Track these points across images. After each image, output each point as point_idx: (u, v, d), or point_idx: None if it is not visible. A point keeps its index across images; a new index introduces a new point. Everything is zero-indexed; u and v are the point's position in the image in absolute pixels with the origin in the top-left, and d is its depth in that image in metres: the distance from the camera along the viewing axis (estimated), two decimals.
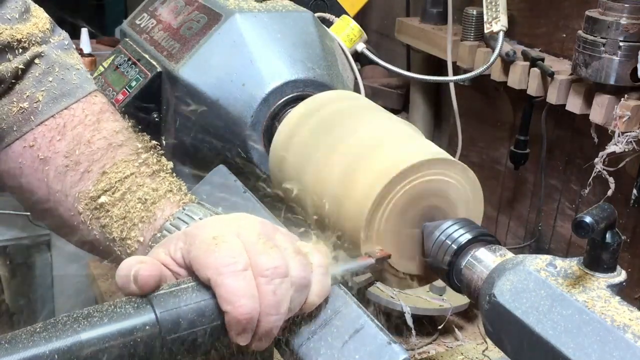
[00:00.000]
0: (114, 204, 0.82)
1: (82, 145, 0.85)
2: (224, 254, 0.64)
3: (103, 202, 0.83)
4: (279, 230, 0.72)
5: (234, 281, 0.63)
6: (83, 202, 0.84)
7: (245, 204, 0.92)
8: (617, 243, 0.65)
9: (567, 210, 1.45)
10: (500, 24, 1.37)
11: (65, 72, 0.88)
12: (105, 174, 0.84)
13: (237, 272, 0.63)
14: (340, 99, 0.99)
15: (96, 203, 0.83)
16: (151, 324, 0.62)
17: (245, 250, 0.65)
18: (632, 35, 1.14)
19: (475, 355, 1.24)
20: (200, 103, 1.08)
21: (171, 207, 0.82)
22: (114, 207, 0.82)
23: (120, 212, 0.82)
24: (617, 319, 0.61)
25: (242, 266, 0.64)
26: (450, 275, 0.79)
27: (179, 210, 0.81)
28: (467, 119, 1.66)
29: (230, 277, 0.63)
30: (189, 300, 0.64)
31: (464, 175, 0.84)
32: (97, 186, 0.83)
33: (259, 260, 0.65)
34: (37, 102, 0.85)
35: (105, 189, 0.83)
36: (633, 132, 1.16)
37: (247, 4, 1.14)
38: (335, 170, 0.87)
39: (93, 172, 0.84)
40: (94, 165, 0.84)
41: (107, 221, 0.83)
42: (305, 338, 0.73)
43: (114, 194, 0.83)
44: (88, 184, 0.84)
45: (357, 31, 1.28)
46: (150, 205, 0.81)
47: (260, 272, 0.65)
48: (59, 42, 0.90)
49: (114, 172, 0.83)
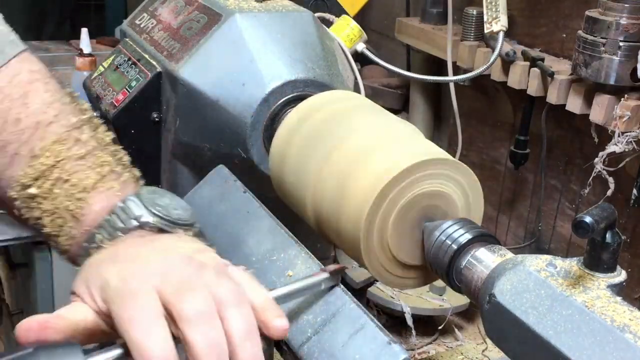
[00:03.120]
0: (44, 197, 0.77)
1: (10, 123, 0.77)
2: (137, 310, 0.60)
3: (34, 194, 0.77)
4: (206, 264, 0.67)
5: (146, 335, 0.59)
6: (15, 188, 0.78)
7: (245, 204, 0.92)
8: (617, 243, 0.65)
9: (567, 210, 1.45)
10: (500, 24, 1.37)
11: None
12: (35, 157, 0.77)
13: (150, 326, 0.59)
14: (340, 99, 0.99)
15: (27, 192, 0.77)
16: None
17: (166, 301, 0.61)
18: (632, 35, 1.14)
19: (475, 355, 1.24)
20: (200, 103, 1.08)
21: (102, 201, 0.76)
22: (44, 200, 0.77)
23: (50, 207, 0.77)
24: (617, 319, 0.61)
25: (154, 319, 0.60)
26: (450, 275, 0.79)
27: (118, 204, 0.75)
28: (467, 119, 1.66)
29: (143, 332, 0.59)
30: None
31: (464, 175, 0.84)
32: (26, 172, 0.77)
33: (181, 307, 0.61)
34: None
35: (35, 176, 0.77)
36: (633, 132, 1.16)
37: (247, 4, 1.14)
38: (335, 170, 0.87)
39: (22, 155, 0.77)
40: (24, 147, 0.77)
41: (40, 214, 0.78)
42: (306, 338, 0.73)
43: (44, 184, 0.77)
44: (18, 169, 0.77)
45: (357, 31, 1.28)
46: (80, 200, 0.76)
47: (182, 319, 0.60)
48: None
49: (44, 156, 0.77)
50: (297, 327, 0.73)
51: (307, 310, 0.74)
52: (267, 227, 0.87)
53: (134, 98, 1.15)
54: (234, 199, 0.93)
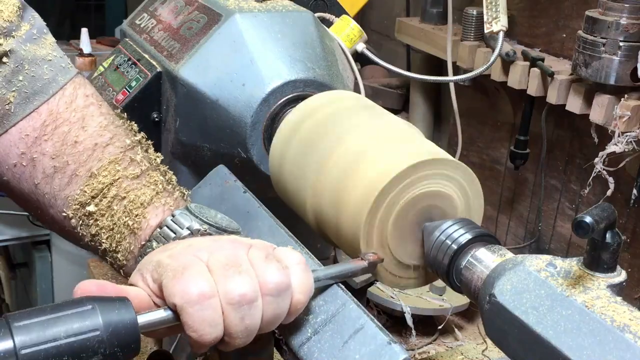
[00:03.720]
0: (102, 213, 0.81)
1: (69, 146, 0.83)
2: (190, 282, 0.65)
3: (91, 211, 0.81)
4: (253, 244, 0.72)
5: (198, 310, 0.65)
6: (72, 207, 0.82)
7: (245, 204, 0.92)
8: (617, 243, 0.65)
9: (567, 210, 1.45)
10: (500, 24, 1.37)
11: (36, 68, 0.83)
12: (93, 177, 0.82)
13: (202, 300, 0.65)
14: (341, 99, 0.99)
15: (85, 210, 0.82)
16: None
17: (213, 278, 0.66)
18: (632, 35, 1.14)
19: (475, 355, 1.24)
20: (200, 103, 1.08)
21: (157, 216, 0.81)
22: (102, 217, 0.81)
23: (108, 224, 0.81)
24: (617, 319, 0.61)
25: (207, 294, 0.65)
26: (450, 275, 0.79)
27: (168, 218, 0.80)
28: (467, 119, 1.66)
29: (195, 305, 0.65)
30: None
31: (464, 175, 0.84)
32: (85, 190, 0.82)
33: (227, 287, 0.66)
34: (8, 103, 0.82)
35: (93, 194, 0.81)
36: (633, 132, 1.16)
37: (247, 4, 1.14)
38: (335, 170, 0.87)
39: (80, 176, 0.82)
40: (82, 168, 0.82)
41: (97, 230, 0.82)
42: (306, 338, 0.73)
43: (102, 202, 0.81)
44: (76, 188, 0.82)
45: (357, 31, 1.28)
46: (136, 217, 0.81)
47: (228, 300, 0.66)
48: (27, 32, 0.84)
49: (101, 175, 0.82)
50: (297, 327, 0.73)
51: (307, 310, 0.74)
52: (267, 227, 0.87)
53: (134, 98, 1.15)
54: (234, 199, 0.93)
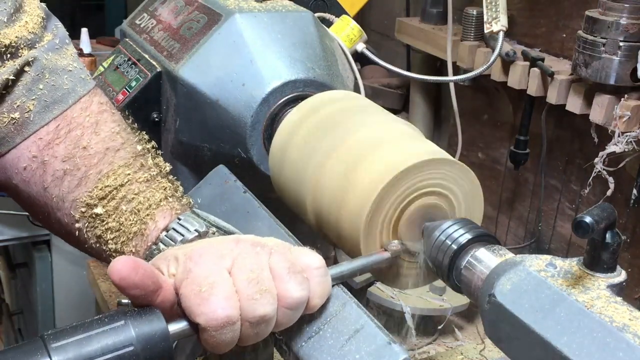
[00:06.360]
0: (109, 214, 0.82)
1: (81, 149, 0.83)
2: (217, 309, 0.66)
3: (98, 213, 0.82)
4: (273, 249, 0.72)
5: (220, 334, 0.67)
6: (79, 209, 0.83)
7: (245, 204, 0.92)
8: (617, 243, 0.65)
9: (567, 210, 1.45)
10: (500, 24, 1.37)
11: (56, 78, 0.85)
12: (102, 179, 0.82)
13: (226, 326, 0.67)
14: (340, 99, 0.99)
15: (92, 212, 0.82)
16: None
17: (239, 299, 0.68)
18: (632, 35, 1.14)
19: (475, 355, 1.24)
20: (200, 103, 1.08)
21: (164, 218, 0.81)
22: (109, 218, 0.82)
23: (115, 225, 0.82)
24: (617, 319, 0.61)
25: (232, 321, 0.67)
26: (450, 275, 0.79)
27: (174, 221, 0.81)
28: (467, 119, 1.66)
29: (219, 330, 0.66)
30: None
31: (464, 175, 0.84)
32: (93, 193, 0.82)
33: (250, 309, 0.68)
34: (28, 111, 0.82)
35: (101, 196, 0.82)
36: (633, 132, 1.16)
37: (247, 4, 1.14)
38: (335, 170, 0.87)
39: (90, 178, 0.83)
40: (92, 170, 0.83)
41: (103, 232, 0.82)
42: (306, 338, 0.73)
43: (109, 203, 0.82)
44: (84, 190, 0.83)
45: (357, 31, 1.28)
46: (144, 217, 0.81)
47: (248, 319, 0.68)
48: (49, 42, 0.85)
49: (111, 178, 0.82)
50: (297, 327, 0.73)
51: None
52: (267, 227, 0.87)
53: (133, 98, 1.15)
54: (234, 199, 0.93)
